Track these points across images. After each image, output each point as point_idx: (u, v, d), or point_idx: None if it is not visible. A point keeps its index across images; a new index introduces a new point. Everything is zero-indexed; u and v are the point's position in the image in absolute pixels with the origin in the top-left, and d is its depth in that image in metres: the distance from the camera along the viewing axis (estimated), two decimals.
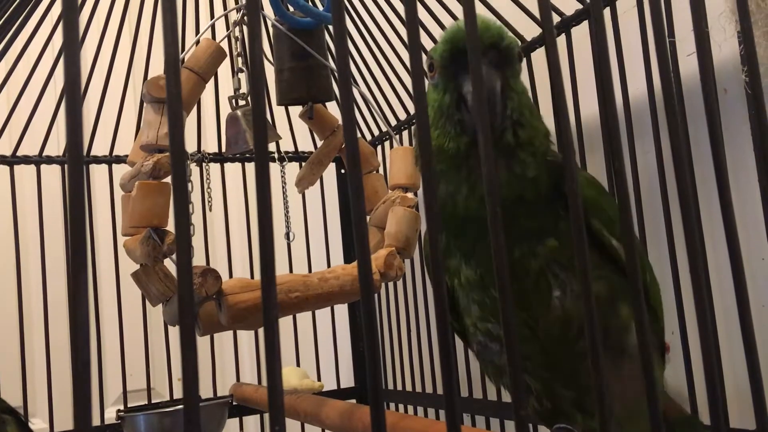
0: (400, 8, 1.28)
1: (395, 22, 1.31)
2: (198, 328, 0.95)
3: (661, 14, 0.41)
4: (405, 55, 1.34)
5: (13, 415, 0.64)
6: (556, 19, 1.02)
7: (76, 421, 0.27)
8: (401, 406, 1.51)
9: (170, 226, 0.94)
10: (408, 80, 1.36)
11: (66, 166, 0.30)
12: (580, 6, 0.99)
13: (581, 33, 1.01)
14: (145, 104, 0.98)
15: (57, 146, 1.46)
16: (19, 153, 1.41)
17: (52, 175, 1.45)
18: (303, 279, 0.93)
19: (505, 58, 0.58)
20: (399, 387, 1.53)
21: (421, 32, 1.19)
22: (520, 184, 0.58)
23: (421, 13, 1.19)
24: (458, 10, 1.18)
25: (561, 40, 1.01)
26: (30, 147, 1.41)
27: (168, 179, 0.92)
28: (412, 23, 0.36)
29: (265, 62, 1.29)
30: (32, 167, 1.42)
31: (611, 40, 0.94)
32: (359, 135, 1.47)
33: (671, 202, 0.89)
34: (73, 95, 0.26)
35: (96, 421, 1.39)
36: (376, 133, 1.56)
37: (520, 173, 0.58)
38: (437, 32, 1.22)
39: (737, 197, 0.78)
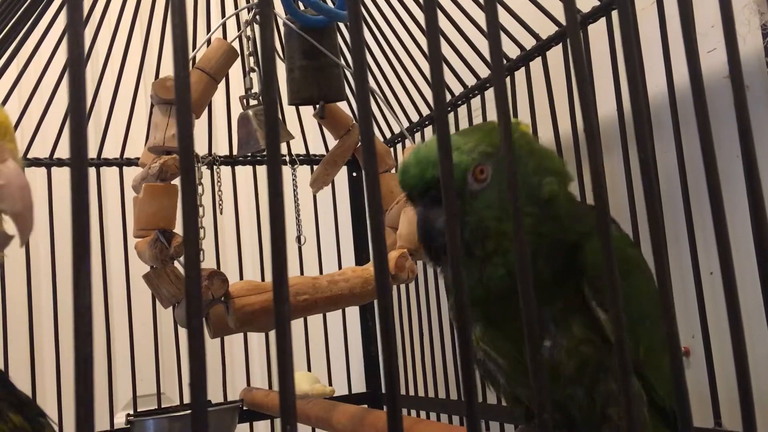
0: (415, 9, 1.26)
1: (409, 24, 1.30)
2: (208, 329, 0.93)
3: (690, 11, 0.39)
4: (419, 56, 1.32)
5: (47, 419, 0.64)
6: None
7: (78, 421, 0.26)
8: (413, 412, 1.49)
9: (179, 229, 0.93)
10: (422, 81, 1.35)
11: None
12: (597, 2, 0.97)
13: (597, 31, 1.00)
14: (153, 106, 0.98)
15: (68, 149, 1.45)
16: (30, 155, 1.40)
17: (63, 177, 1.44)
18: (312, 281, 0.91)
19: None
20: (411, 392, 1.51)
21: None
22: (491, 284, 0.61)
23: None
24: (476, 12, 1.16)
25: None
26: (41, 149, 1.40)
27: (176, 181, 0.91)
28: (432, 25, 0.35)
29: (277, 61, 1.28)
30: (43, 170, 1.41)
31: None
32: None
33: (692, 201, 0.86)
34: (76, 78, 0.24)
35: (105, 426, 1.37)
36: (389, 135, 1.54)
37: (490, 275, 0.60)
38: (453, 34, 1.20)
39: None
